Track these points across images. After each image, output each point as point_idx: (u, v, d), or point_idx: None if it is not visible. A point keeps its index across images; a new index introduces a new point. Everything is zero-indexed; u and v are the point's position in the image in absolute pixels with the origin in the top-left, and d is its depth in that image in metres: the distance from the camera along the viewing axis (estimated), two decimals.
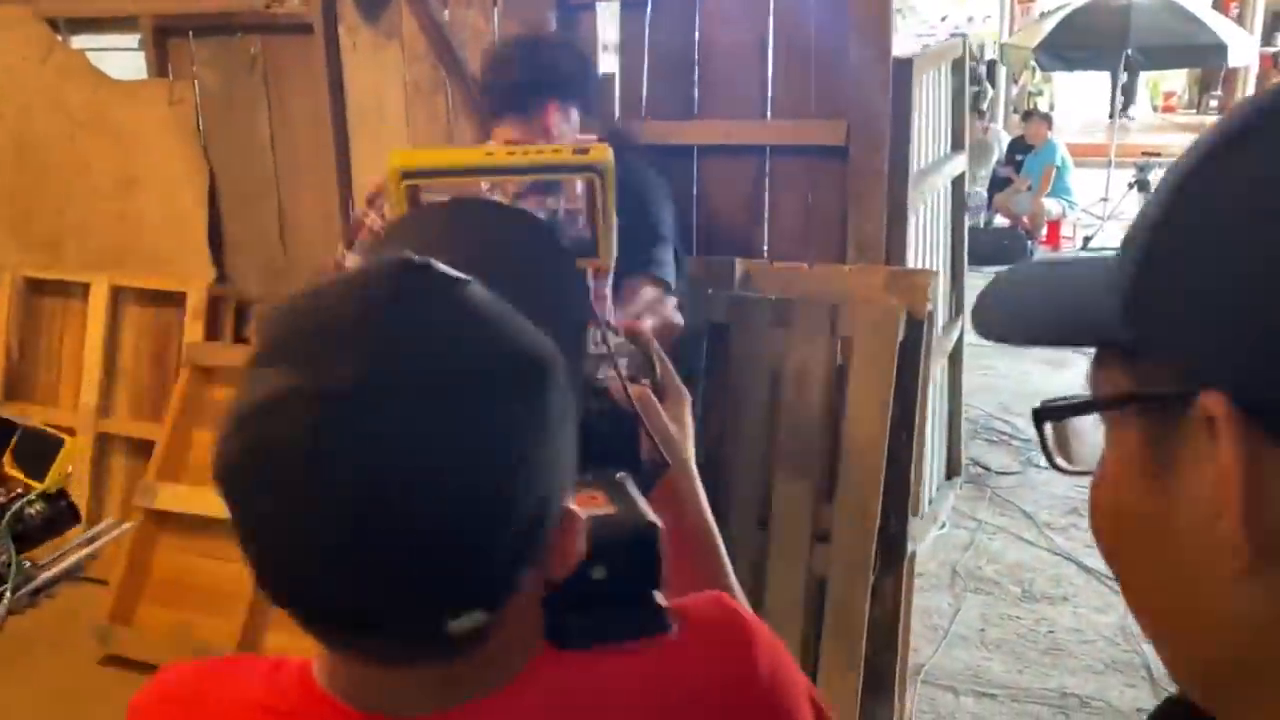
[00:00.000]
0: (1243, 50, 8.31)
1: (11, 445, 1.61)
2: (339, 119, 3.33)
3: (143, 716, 0.77)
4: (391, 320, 0.60)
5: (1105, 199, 8.65)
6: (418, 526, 0.58)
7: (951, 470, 4.23)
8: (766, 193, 2.87)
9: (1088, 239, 8.36)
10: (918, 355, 2.38)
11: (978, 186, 7.99)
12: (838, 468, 2.42)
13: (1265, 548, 0.41)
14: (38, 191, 3.76)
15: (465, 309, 0.63)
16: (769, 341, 2.50)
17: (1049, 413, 0.50)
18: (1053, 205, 8.25)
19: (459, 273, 0.64)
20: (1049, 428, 0.50)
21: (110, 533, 1.80)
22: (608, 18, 3.02)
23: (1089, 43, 8.17)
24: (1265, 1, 11.33)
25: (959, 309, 3.93)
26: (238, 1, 3.36)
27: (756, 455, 2.50)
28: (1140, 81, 12.75)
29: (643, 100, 2.96)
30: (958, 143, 3.68)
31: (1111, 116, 8.96)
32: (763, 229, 2.87)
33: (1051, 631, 3.33)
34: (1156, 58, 8.45)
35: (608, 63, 3.03)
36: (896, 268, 2.61)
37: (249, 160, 3.53)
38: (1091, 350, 0.50)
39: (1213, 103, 13.93)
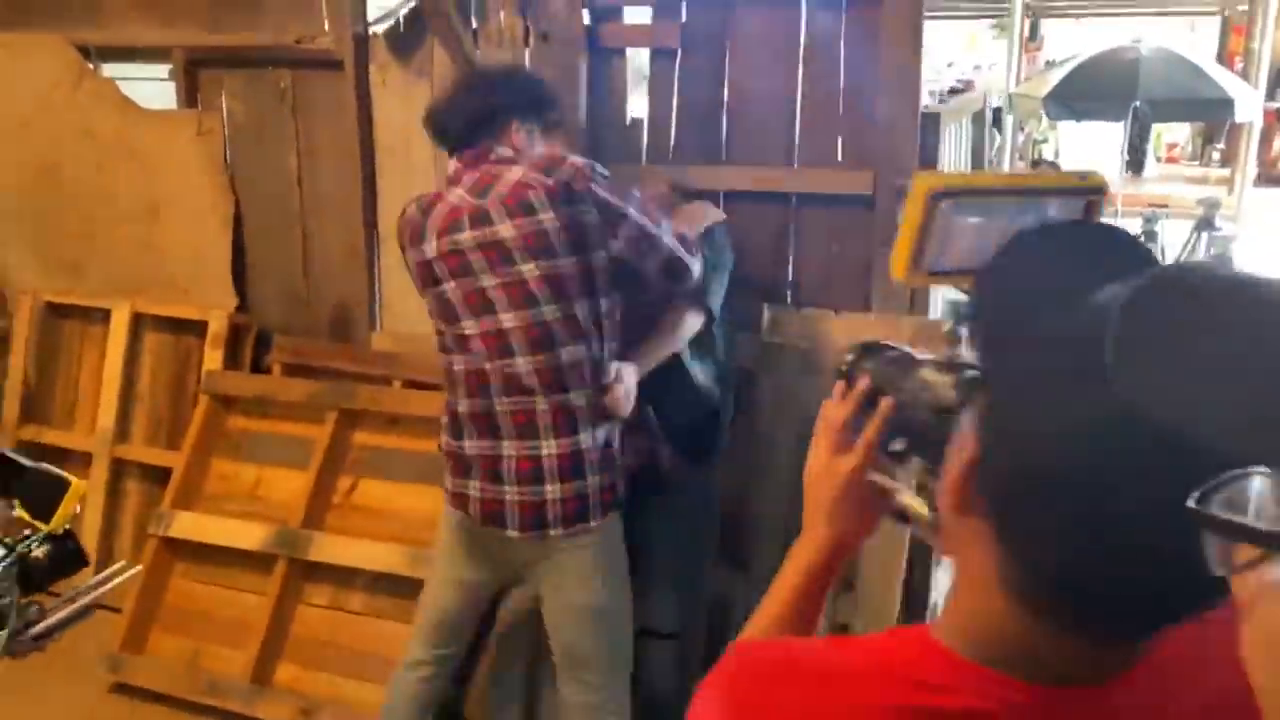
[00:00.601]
0: (1248, 105, 8.38)
1: (16, 489, 1.57)
2: (366, 154, 3.37)
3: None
4: None
5: None
6: None
7: None
8: (792, 239, 2.89)
9: None
10: None
11: None
12: None
13: None
14: (62, 216, 3.79)
15: None
16: (798, 389, 2.51)
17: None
18: None
19: None
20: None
21: (119, 576, 1.76)
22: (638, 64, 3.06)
23: (1098, 93, 8.24)
24: (1270, 57, 11.49)
25: None
26: (269, 36, 3.40)
27: (782, 502, 2.51)
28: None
29: (670, 145, 2.99)
30: None
31: (1126, 169, 9.03)
32: (787, 274, 2.90)
33: None
34: (1164, 110, 8.51)
35: (636, 107, 3.07)
36: (924, 317, 2.62)
37: (275, 192, 3.56)
38: None
39: (1215, 155, 14.05)
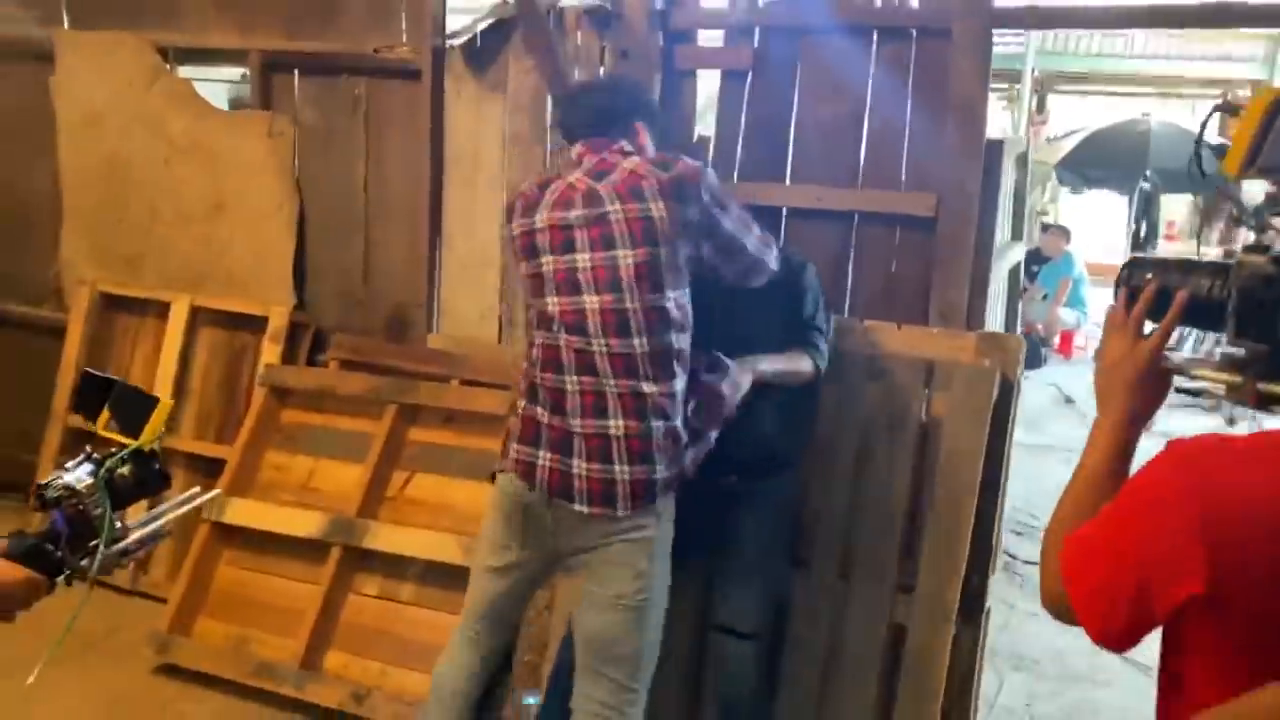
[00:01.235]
0: (1252, 183, 8.64)
1: (108, 402, 1.59)
2: (436, 163, 3.47)
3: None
4: None
5: None
6: None
7: None
8: (851, 256, 3.00)
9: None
10: (1007, 415, 2.48)
11: None
12: (922, 519, 2.50)
13: None
14: (125, 210, 3.87)
15: None
16: (862, 395, 2.59)
17: None
18: (1068, 315, 8.46)
19: None
20: None
21: (197, 499, 1.76)
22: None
23: (1110, 162, 8.49)
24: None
25: None
26: (347, 44, 3.53)
27: (842, 504, 2.58)
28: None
29: (736, 162, 3.11)
30: (1017, 233, 3.84)
31: (1138, 242, 9.21)
32: (846, 290, 3.00)
33: (1096, 713, 3.36)
34: (1173, 181, 8.76)
35: (705, 125, 3.20)
36: (987, 330, 2.72)
37: (341, 196, 3.66)
38: None
39: (1214, 235, 14.31)
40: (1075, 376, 7.65)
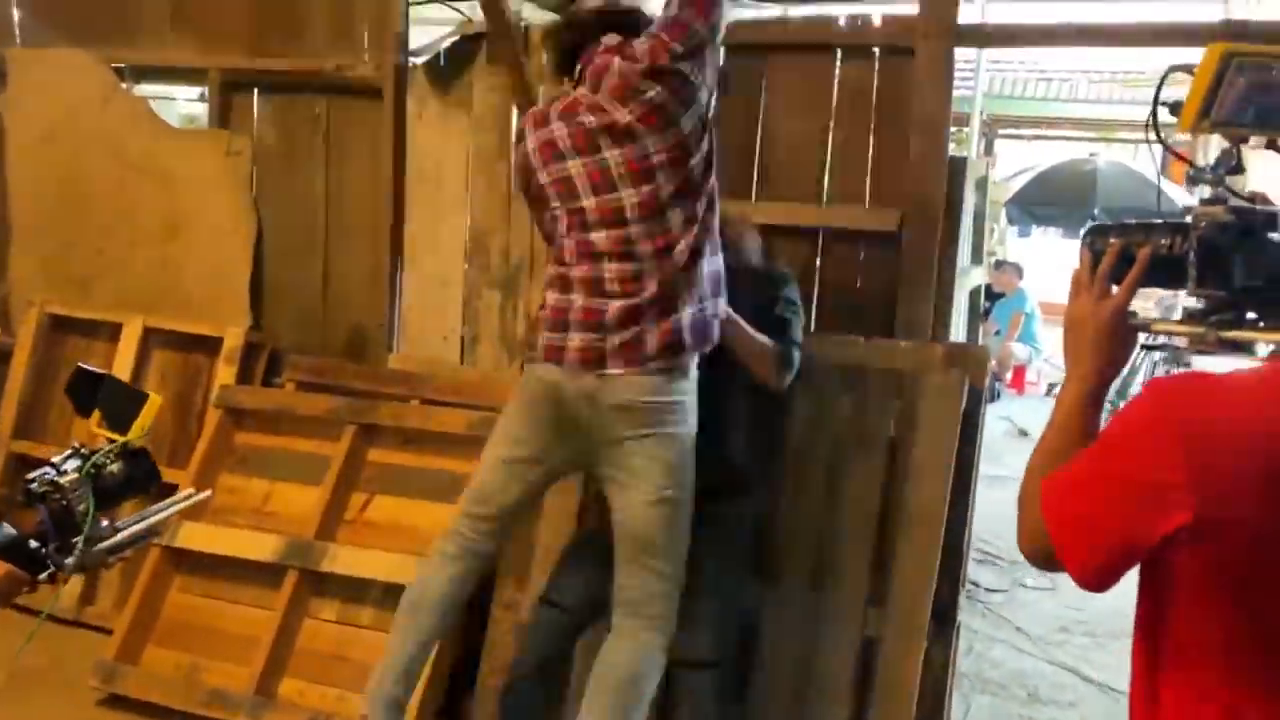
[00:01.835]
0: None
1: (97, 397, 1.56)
2: (398, 183, 3.44)
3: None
4: None
5: None
6: None
7: None
8: (818, 272, 3.01)
9: (1052, 386, 8.66)
10: (975, 425, 2.48)
11: None
12: (893, 530, 2.48)
13: None
14: (78, 230, 3.79)
15: None
16: (831, 408, 2.58)
17: None
18: (1020, 350, 8.57)
19: None
20: None
21: (190, 499, 1.74)
22: None
23: (1058, 200, 8.68)
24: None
25: None
26: (308, 62, 3.50)
27: (813, 516, 2.55)
28: None
29: None
30: (977, 256, 3.88)
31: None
32: (812, 304, 3.00)
33: None
34: (1120, 218, 8.97)
35: None
36: (954, 341, 2.73)
37: (300, 215, 3.61)
38: None
39: None
40: (1029, 410, 7.73)
